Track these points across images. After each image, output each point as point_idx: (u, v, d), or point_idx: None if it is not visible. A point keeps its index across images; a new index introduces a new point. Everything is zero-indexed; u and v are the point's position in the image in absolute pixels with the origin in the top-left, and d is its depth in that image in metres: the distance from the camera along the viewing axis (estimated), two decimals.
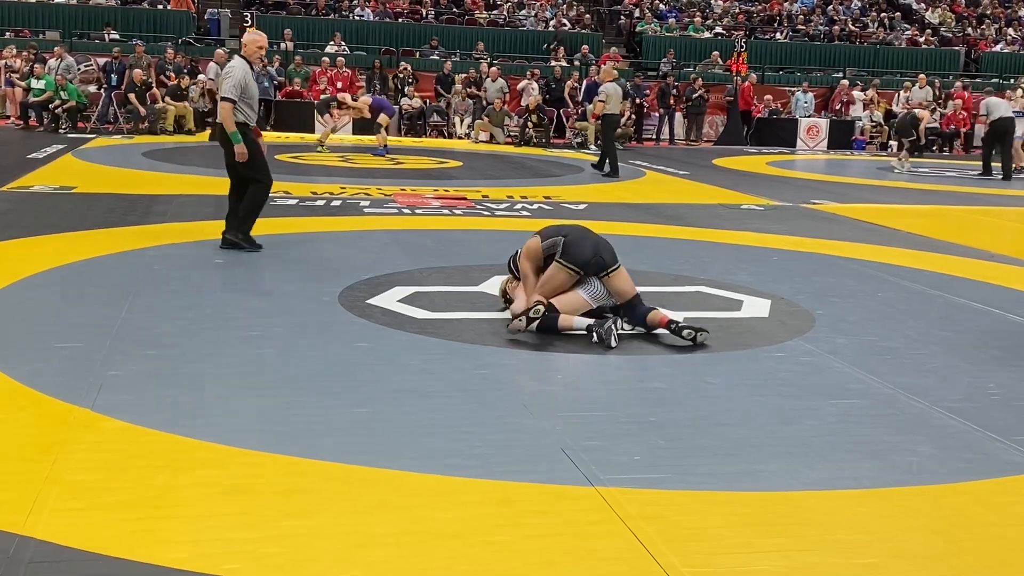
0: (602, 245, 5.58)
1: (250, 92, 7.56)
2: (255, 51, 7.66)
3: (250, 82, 7.55)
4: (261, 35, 7.80)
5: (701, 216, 10.71)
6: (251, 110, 7.58)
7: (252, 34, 7.80)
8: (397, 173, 14.16)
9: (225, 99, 7.40)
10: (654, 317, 5.46)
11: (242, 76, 7.45)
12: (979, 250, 9.11)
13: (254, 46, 7.64)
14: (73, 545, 2.90)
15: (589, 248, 5.51)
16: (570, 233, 5.61)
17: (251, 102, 7.57)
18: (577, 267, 5.48)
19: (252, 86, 7.60)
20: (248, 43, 7.66)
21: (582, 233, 5.64)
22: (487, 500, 3.34)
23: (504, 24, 26.13)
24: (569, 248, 5.50)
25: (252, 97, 7.59)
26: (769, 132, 22.56)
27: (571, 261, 5.48)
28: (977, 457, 3.93)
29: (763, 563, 2.98)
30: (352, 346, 5.15)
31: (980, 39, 29.08)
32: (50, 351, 4.80)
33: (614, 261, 5.55)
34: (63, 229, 8.18)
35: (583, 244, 5.53)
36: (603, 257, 5.51)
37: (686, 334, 5.31)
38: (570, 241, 5.53)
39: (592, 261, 5.48)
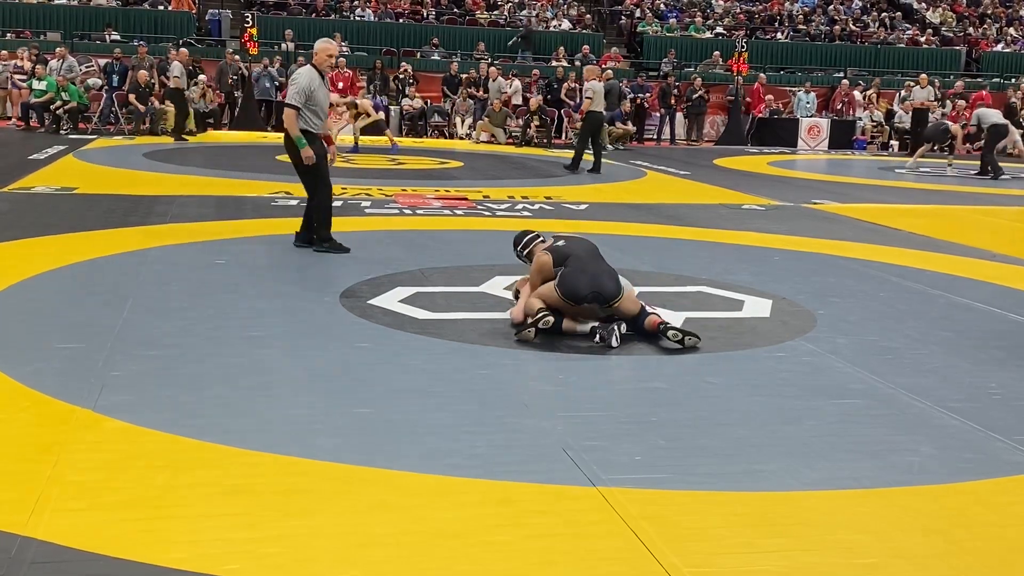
0: (602, 279, 5.38)
1: (316, 100, 7.52)
2: (325, 60, 7.59)
3: (317, 90, 7.50)
4: (332, 44, 7.72)
5: (702, 216, 10.70)
6: (318, 118, 7.56)
7: (323, 43, 7.69)
8: (398, 173, 14.16)
9: (288, 105, 7.43)
10: (650, 322, 5.39)
11: (307, 83, 7.42)
12: (980, 250, 9.11)
13: (324, 54, 7.57)
14: (74, 545, 2.91)
15: (585, 284, 5.32)
16: (569, 262, 5.45)
17: (317, 110, 7.53)
18: (572, 301, 5.37)
19: (320, 94, 7.55)
20: (319, 51, 7.59)
21: (583, 265, 5.43)
22: (488, 500, 3.35)
23: (505, 24, 26.13)
24: (565, 280, 5.38)
25: (318, 105, 7.55)
26: (770, 132, 22.56)
27: (565, 294, 5.37)
28: (978, 457, 3.93)
29: (764, 563, 2.98)
30: (353, 346, 5.15)
31: (981, 39, 29.07)
32: (51, 351, 4.81)
33: (616, 293, 5.36)
34: (64, 230, 8.18)
35: (579, 279, 5.34)
36: (602, 293, 5.34)
37: (671, 335, 5.26)
38: (567, 274, 5.39)
39: (588, 296, 5.33)
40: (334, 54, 7.61)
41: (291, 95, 7.47)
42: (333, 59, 7.69)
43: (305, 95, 7.42)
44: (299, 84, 7.44)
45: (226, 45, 22.97)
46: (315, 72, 7.53)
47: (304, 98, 7.41)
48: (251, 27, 20.62)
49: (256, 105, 20.66)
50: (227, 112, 20.96)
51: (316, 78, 7.51)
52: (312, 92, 7.45)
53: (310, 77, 7.48)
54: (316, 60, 7.58)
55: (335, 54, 7.62)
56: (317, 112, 7.54)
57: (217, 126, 20.29)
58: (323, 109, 7.64)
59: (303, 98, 7.41)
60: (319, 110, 7.56)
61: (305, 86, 7.42)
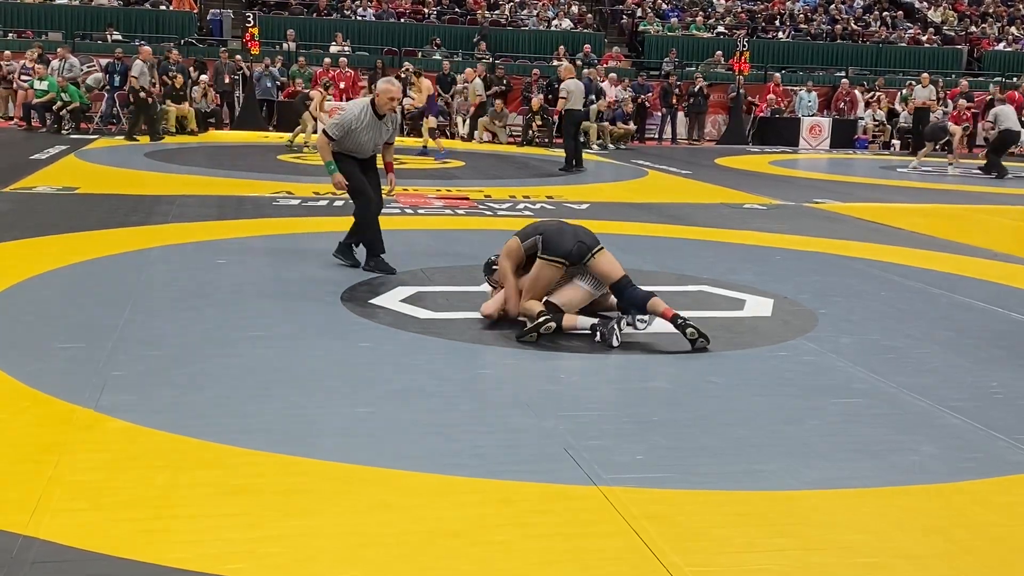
0: (581, 232, 5.56)
1: (356, 142, 6.91)
2: (386, 102, 6.84)
3: (361, 131, 6.85)
4: (396, 85, 6.94)
5: (704, 215, 10.70)
6: (360, 150, 6.99)
7: (386, 83, 6.89)
8: (399, 173, 14.09)
9: (324, 132, 7.00)
10: (656, 306, 5.36)
11: (350, 121, 6.82)
12: (982, 249, 9.10)
13: (385, 96, 6.82)
14: (76, 545, 2.91)
15: (568, 238, 5.47)
16: (546, 229, 5.58)
17: (355, 148, 6.95)
18: (560, 258, 5.45)
19: (363, 137, 6.89)
20: (380, 92, 6.84)
21: (559, 226, 5.61)
22: (489, 500, 3.34)
23: (506, 24, 26.13)
24: (548, 243, 5.47)
25: (358, 147, 6.95)
26: (771, 131, 22.55)
27: (553, 254, 5.45)
28: (979, 456, 3.93)
29: (765, 562, 2.98)
30: (354, 346, 5.15)
31: (982, 38, 29.05)
32: (53, 351, 4.81)
33: (596, 243, 5.51)
34: (66, 230, 8.19)
35: (562, 236, 5.49)
36: (584, 242, 5.47)
37: (689, 333, 5.25)
38: (548, 236, 5.50)
39: (574, 250, 5.44)
40: (396, 97, 6.87)
41: (330, 124, 6.96)
42: (395, 103, 6.89)
43: (344, 130, 6.84)
44: (343, 119, 6.87)
45: (227, 45, 22.97)
46: (370, 111, 6.86)
47: (342, 132, 6.85)
48: (252, 27, 20.63)
49: (257, 105, 20.66)
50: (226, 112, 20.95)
51: (366, 118, 6.85)
52: (352, 131, 6.85)
53: (357, 117, 6.84)
54: (377, 101, 6.87)
55: (397, 97, 6.90)
56: (357, 153, 6.99)
57: (218, 126, 20.30)
58: (364, 149, 7.01)
59: (340, 132, 6.85)
60: (357, 150, 6.97)
61: (347, 122, 6.83)
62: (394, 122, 7.03)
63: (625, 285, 5.46)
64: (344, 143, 6.90)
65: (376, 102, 6.85)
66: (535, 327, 5.28)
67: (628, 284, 5.47)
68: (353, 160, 7.00)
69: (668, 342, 5.41)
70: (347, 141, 6.89)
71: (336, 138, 6.85)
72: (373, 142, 6.99)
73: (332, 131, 6.87)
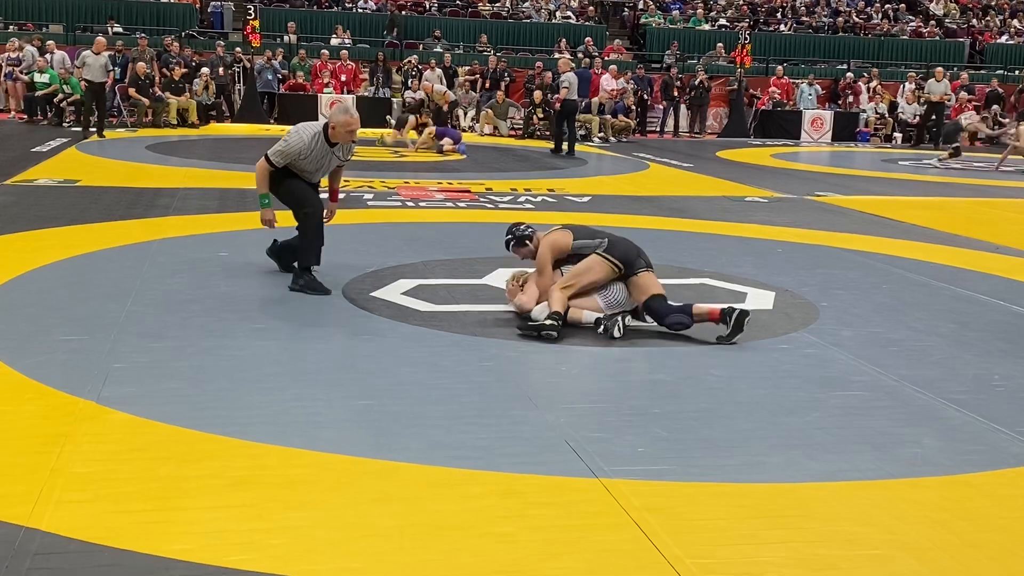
0: (642, 251, 5.61)
1: (303, 168, 6.19)
2: (343, 136, 6.07)
3: (308, 160, 6.12)
4: (356, 117, 6.09)
5: (705, 208, 10.69)
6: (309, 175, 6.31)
7: (345, 115, 6.04)
8: (401, 166, 14.16)
9: (265, 157, 6.15)
10: (701, 310, 5.40)
11: (297, 151, 6.06)
12: (984, 242, 9.09)
13: (343, 129, 6.02)
14: (78, 536, 2.91)
15: (633, 249, 5.54)
16: (612, 235, 5.66)
17: (304, 175, 6.26)
18: (621, 263, 5.46)
19: (308, 166, 6.17)
20: (338, 124, 6.00)
21: (623, 237, 5.70)
22: (491, 492, 3.35)
23: (508, 16, 26.09)
24: (614, 246, 5.50)
25: (305, 172, 6.24)
26: (773, 124, 22.51)
27: (616, 256, 5.46)
28: (981, 449, 3.93)
29: (766, 554, 2.98)
30: (356, 339, 5.15)
31: (985, 30, 28.99)
32: (55, 344, 4.81)
33: (651, 265, 5.58)
34: (67, 222, 8.18)
35: (628, 244, 5.57)
36: (643, 259, 5.53)
37: (736, 316, 5.26)
38: (615, 241, 5.56)
39: (635, 261, 5.48)
40: (355, 130, 6.08)
41: (274, 150, 6.12)
42: (353, 136, 6.11)
43: (288, 159, 6.10)
44: (289, 146, 6.05)
45: (228, 37, 22.94)
46: (321, 139, 6.07)
47: (286, 160, 6.11)
48: (253, 19, 20.60)
49: (258, 97, 20.64)
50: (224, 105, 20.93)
51: (317, 147, 6.08)
52: (299, 160, 6.12)
53: (307, 145, 6.06)
54: (332, 133, 6.05)
55: (356, 131, 6.11)
56: (303, 177, 6.27)
57: (219, 118, 20.28)
58: (313, 177, 6.33)
59: (285, 161, 6.11)
60: (306, 177, 6.27)
61: (293, 153, 6.07)
62: (347, 151, 6.30)
63: (660, 303, 5.43)
64: (289, 167, 6.19)
65: (332, 132, 6.05)
66: (538, 327, 5.26)
67: (663, 302, 5.44)
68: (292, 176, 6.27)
69: (670, 335, 5.41)
70: (292, 166, 6.18)
71: (279, 166, 6.12)
72: (322, 169, 6.30)
73: (275, 158, 6.10)
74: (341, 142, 6.14)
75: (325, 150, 6.13)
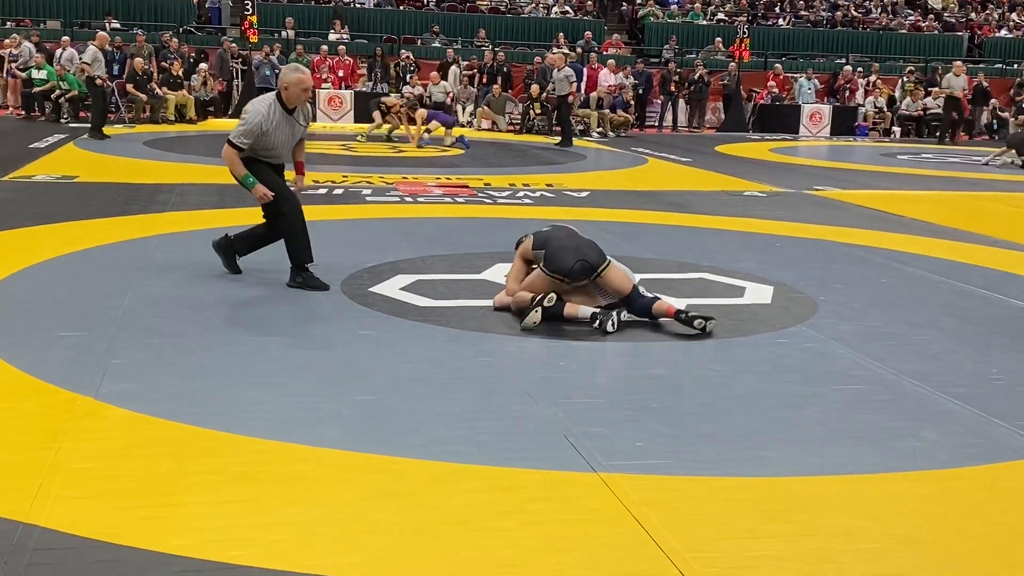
0: (584, 249, 5.44)
1: (269, 144, 6.02)
2: (299, 94, 5.98)
3: (274, 132, 5.98)
4: (307, 75, 6.07)
5: (704, 203, 10.69)
6: (275, 156, 6.15)
7: (296, 74, 5.99)
8: (399, 161, 14.15)
9: (229, 143, 6.01)
10: (660, 307, 5.41)
11: (258, 124, 5.91)
12: (983, 236, 9.09)
13: (298, 88, 5.94)
14: (77, 533, 2.91)
15: (570, 257, 5.38)
16: (549, 242, 5.49)
17: (274, 152, 6.10)
18: (560, 276, 5.40)
19: (278, 137, 6.02)
20: (290, 84, 5.93)
21: (564, 242, 5.48)
22: (490, 487, 3.35)
23: (506, 11, 26.06)
24: (550, 259, 5.42)
25: (274, 148, 6.07)
26: (772, 119, 22.51)
27: (553, 271, 5.40)
28: (980, 442, 3.93)
29: (765, 548, 2.98)
30: (355, 334, 5.15)
31: (983, 24, 28.97)
32: (53, 340, 4.81)
33: (602, 259, 5.43)
34: (65, 219, 8.18)
35: (564, 254, 5.40)
36: (587, 261, 5.39)
37: (697, 324, 5.27)
38: (551, 252, 5.44)
39: (575, 267, 5.36)
40: (309, 87, 6.06)
41: (236, 133, 5.96)
42: (308, 93, 6.07)
43: (254, 137, 5.93)
44: (249, 123, 5.90)
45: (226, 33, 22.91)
46: (277, 107, 5.98)
47: (252, 140, 5.93)
48: (251, 15, 20.56)
49: (257, 93, 20.59)
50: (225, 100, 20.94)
51: (276, 115, 5.96)
52: (265, 135, 5.95)
53: (266, 115, 5.93)
54: (286, 95, 5.96)
55: (310, 86, 6.09)
56: (275, 154, 6.13)
57: (218, 114, 20.26)
58: (284, 149, 6.17)
59: (250, 140, 5.93)
60: (276, 152, 6.12)
61: (255, 128, 5.91)
62: (306, 115, 6.22)
63: (635, 298, 5.46)
64: (257, 148, 6.01)
65: (285, 96, 5.96)
66: (536, 303, 5.29)
67: (638, 296, 5.47)
68: (267, 165, 6.13)
69: (668, 330, 5.41)
70: (259, 145, 6.00)
71: (246, 147, 5.95)
72: (288, 141, 6.14)
73: (240, 140, 5.93)
74: (298, 105, 6.05)
75: (284, 117, 6.01)
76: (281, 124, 6.01)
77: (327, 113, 20.71)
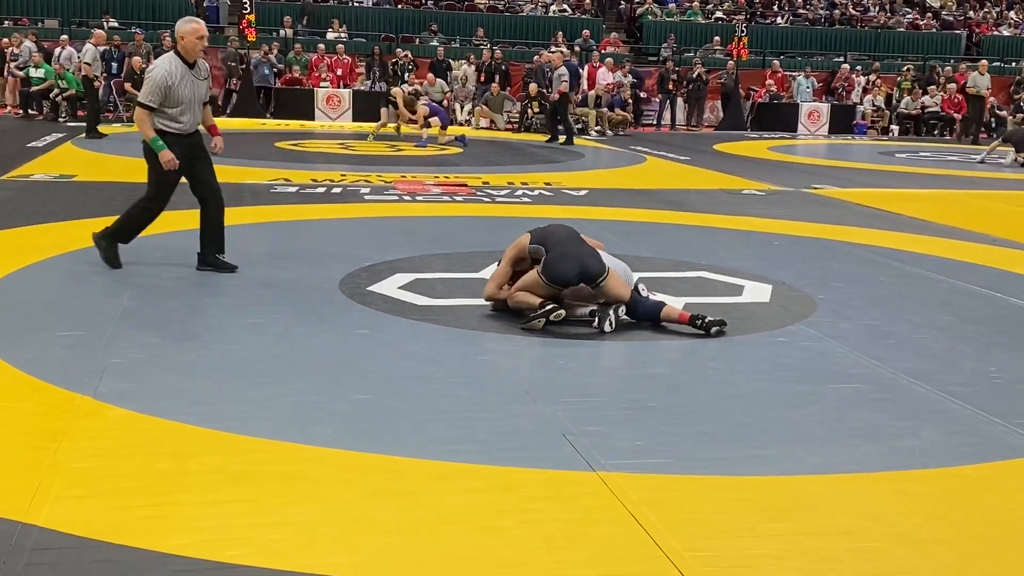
0: (585, 259, 5.33)
1: (178, 98, 6.10)
2: (194, 43, 6.13)
3: (178, 86, 6.07)
4: (200, 23, 6.26)
5: (702, 201, 10.69)
6: (184, 116, 6.19)
7: (189, 23, 6.21)
8: (397, 160, 14.14)
9: (140, 104, 6.16)
10: (670, 313, 5.36)
11: (163, 79, 6.03)
12: (982, 234, 9.09)
13: (193, 36, 6.11)
14: (76, 532, 2.91)
15: (571, 268, 5.28)
16: (553, 248, 5.36)
17: (181, 109, 6.15)
18: (558, 286, 5.32)
19: (183, 90, 6.11)
20: (186, 34, 6.11)
21: (565, 248, 5.36)
22: (489, 486, 3.35)
23: (504, 10, 26.05)
24: (550, 266, 5.30)
25: (182, 103, 6.14)
26: (770, 117, 22.51)
27: (550, 279, 5.29)
28: (979, 441, 3.93)
29: (764, 547, 2.98)
30: (353, 333, 5.15)
31: (981, 22, 28.98)
32: (52, 339, 4.81)
33: (602, 271, 5.33)
34: (63, 218, 8.17)
35: (564, 262, 5.28)
36: (588, 272, 5.30)
37: (714, 332, 5.24)
38: (551, 259, 5.31)
39: (574, 280, 5.29)
40: (205, 35, 6.20)
41: (143, 93, 6.10)
42: (204, 41, 6.21)
43: (161, 93, 6.03)
44: (153, 80, 6.04)
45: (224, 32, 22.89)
46: (177, 61, 6.12)
47: (160, 96, 6.03)
48: (249, 13, 20.55)
49: (255, 92, 20.61)
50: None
51: (178, 70, 6.08)
52: (170, 88, 6.05)
53: (168, 70, 6.05)
54: (182, 46, 6.12)
55: (205, 34, 6.23)
56: (182, 111, 6.16)
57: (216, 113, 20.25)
58: (191, 107, 6.21)
59: (158, 98, 6.04)
60: (185, 109, 6.17)
61: (160, 81, 6.02)
62: (206, 70, 6.37)
63: (636, 303, 5.43)
64: (167, 107, 6.09)
65: (182, 47, 6.12)
66: (544, 312, 5.23)
67: (639, 300, 5.44)
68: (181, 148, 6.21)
69: (666, 330, 5.40)
70: (168, 104, 6.09)
71: (156, 105, 6.06)
72: (192, 96, 6.19)
73: (149, 98, 6.06)
74: (196, 56, 6.21)
75: (186, 71, 6.15)
76: (184, 78, 6.14)
77: (326, 112, 20.69)
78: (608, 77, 20.87)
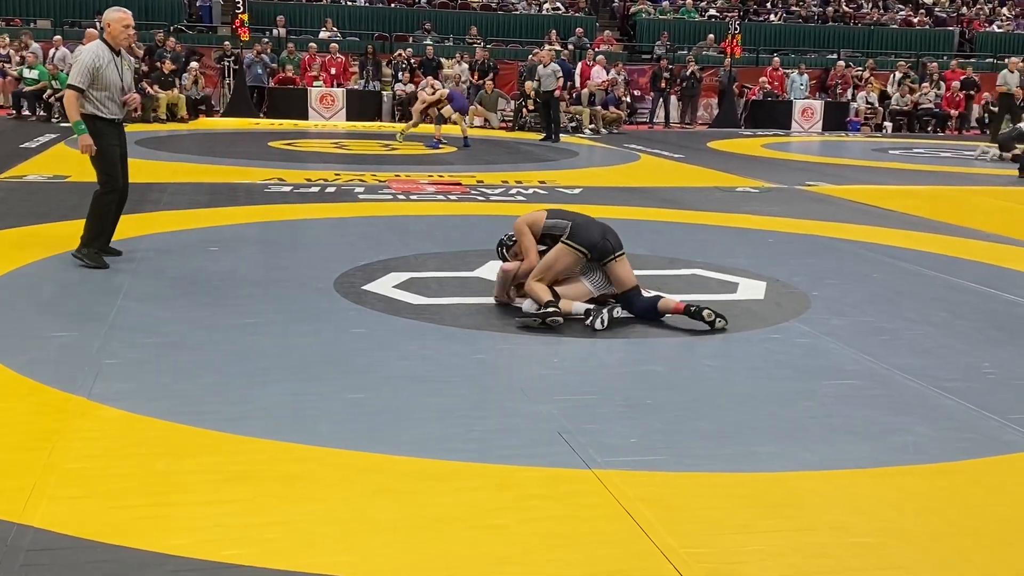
0: (609, 231, 5.57)
1: (105, 82, 6.38)
2: (121, 31, 6.44)
3: (105, 70, 6.36)
4: (127, 13, 6.51)
5: (696, 199, 10.70)
6: (111, 102, 6.46)
7: (116, 12, 6.47)
8: (391, 159, 14.13)
9: (69, 86, 6.38)
10: (666, 304, 5.42)
11: (91, 62, 6.31)
12: (975, 230, 9.12)
13: (119, 25, 6.41)
14: (71, 533, 2.91)
15: (597, 231, 5.51)
16: (577, 217, 5.63)
17: (108, 94, 6.43)
18: (585, 248, 5.45)
19: (110, 75, 6.39)
20: (112, 23, 6.41)
21: (589, 219, 5.65)
22: (485, 484, 3.35)
23: (497, 8, 26.04)
24: (577, 231, 5.49)
25: (109, 87, 6.42)
26: (764, 114, 22.52)
27: (579, 243, 5.45)
28: (973, 436, 3.94)
29: (760, 543, 2.99)
30: (348, 332, 5.15)
31: (974, 19, 29.03)
32: (46, 340, 4.80)
33: (620, 247, 5.54)
34: (57, 218, 8.15)
35: (591, 227, 5.53)
36: (610, 241, 5.50)
37: (706, 315, 5.28)
38: (578, 224, 5.53)
39: (599, 244, 5.46)
40: (131, 24, 6.47)
41: (72, 75, 6.38)
42: (130, 30, 6.50)
43: (89, 76, 6.31)
44: (81, 62, 6.34)
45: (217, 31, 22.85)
46: (104, 48, 6.40)
47: (88, 79, 6.31)
48: (242, 13, 20.52)
49: (248, 91, 20.58)
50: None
51: (104, 55, 6.37)
52: (98, 72, 6.32)
53: (96, 55, 6.34)
54: (109, 34, 6.41)
55: (132, 24, 6.50)
56: (110, 96, 6.45)
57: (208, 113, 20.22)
58: (117, 92, 6.50)
59: (87, 79, 6.30)
60: (111, 93, 6.45)
61: (89, 65, 6.30)
62: (129, 63, 6.67)
63: (635, 296, 5.50)
64: (96, 91, 6.37)
65: (108, 35, 6.42)
66: (541, 315, 5.26)
67: (637, 295, 5.51)
68: (109, 135, 6.49)
69: (661, 327, 5.42)
70: (96, 87, 6.36)
71: (85, 87, 6.32)
72: (118, 82, 6.46)
73: (78, 80, 6.31)
74: (121, 44, 6.49)
75: (112, 57, 6.43)
76: (110, 64, 6.42)
77: (319, 111, 20.67)
78: (602, 75, 20.88)
